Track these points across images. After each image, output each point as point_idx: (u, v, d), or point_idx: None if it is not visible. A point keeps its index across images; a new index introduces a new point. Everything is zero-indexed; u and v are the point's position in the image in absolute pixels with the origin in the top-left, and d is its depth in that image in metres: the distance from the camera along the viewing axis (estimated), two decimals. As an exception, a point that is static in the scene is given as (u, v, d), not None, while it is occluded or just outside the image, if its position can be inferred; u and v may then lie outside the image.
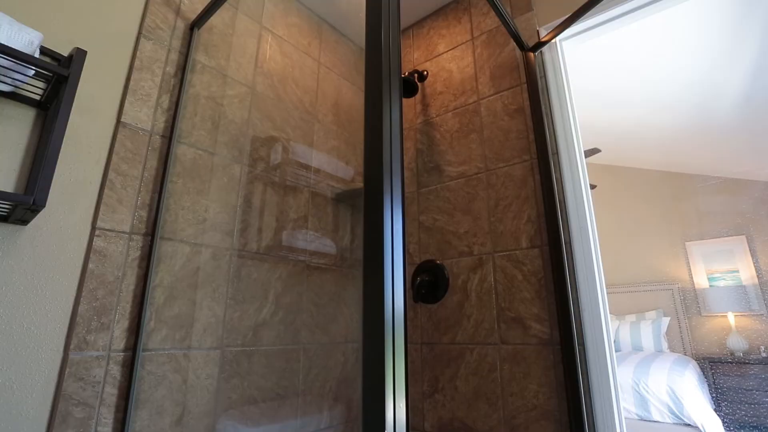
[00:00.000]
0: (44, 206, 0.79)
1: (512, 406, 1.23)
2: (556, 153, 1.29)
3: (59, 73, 0.81)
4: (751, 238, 3.94)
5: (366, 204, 0.54)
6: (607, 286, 4.61)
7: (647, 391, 2.53)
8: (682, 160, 4.19)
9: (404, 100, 1.79)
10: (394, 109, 0.58)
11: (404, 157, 1.74)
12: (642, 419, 2.55)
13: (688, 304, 4.12)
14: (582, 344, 1.14)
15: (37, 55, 0.86)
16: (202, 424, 1.12)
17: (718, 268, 4.05)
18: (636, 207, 4.66)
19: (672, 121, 3.49)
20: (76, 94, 1.03)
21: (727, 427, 3.43)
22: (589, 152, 3.06)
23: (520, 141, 1.39)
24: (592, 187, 3.54)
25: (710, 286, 4.04)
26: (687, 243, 4.23)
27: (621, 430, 1.06)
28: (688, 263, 4.20)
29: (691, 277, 4.16)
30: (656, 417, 2.49)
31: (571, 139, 1.27)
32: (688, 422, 2.37)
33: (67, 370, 0.92)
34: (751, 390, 3.43)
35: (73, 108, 1.02)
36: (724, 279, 4.00)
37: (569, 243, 1.22)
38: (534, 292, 1.26)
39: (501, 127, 1.45)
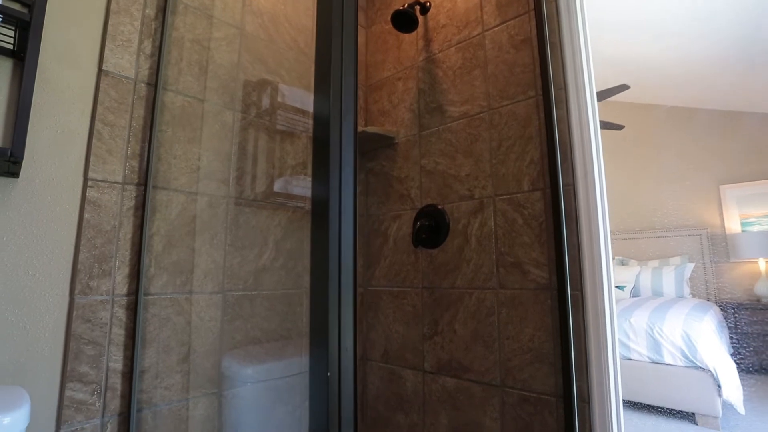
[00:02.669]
0: (23, 157, 0.80)
1: (508, 349, 1.24)
2: (564, 88, 1.18)
3: (21, 18, 0.78)
4: (795, 179, 3.67)
5: (314, 148, 0.51)
6: (631, 231, 4.47)
7: (661, 336, 2.52)
8: (720, 95, 3.82)
9: (405, 36, 1.66)
10: (347, 37, 0.52)
11: (406, 97, 1.65)
12: (653, 362, 2.56)
13: (717, 249, 3.96)
14: (580, 289, 1.11)
15: (-1, -2, 0.83)
16: (209, 361, 1.20)
17: (753, 212, 3.82)
18: (667, 148, 4.37)
19: (710, 52, 3.14)
20: (53, 42, 1.00)
21: (747, 371, 3.41)
22: (617, 89, 2.83)
23: (526, 75, 1.28)
24: (620, 127, 3.32)
25: (743, 231, 3.84)
26: (721, 186, 3.98)
27: (615, 374, 1.06)
28: (720, 207, 3.98)
29: (723, 222, 3.96)
30: (668, 360, 2.49)
31: (581, 71, 1.15)
32: (701, 366, 2.36)
33: (75, 312, 0.98)
34: (776, 335, 3.36)
35: (51, 57, 1.00)
36: (759, 224, 3.79)
37: (574, 185, 1.16)
38: (534, 236, 1.22)
39: (506, 61, 1.34)
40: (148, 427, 1.06)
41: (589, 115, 1.15)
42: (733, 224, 3.91)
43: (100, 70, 1.08)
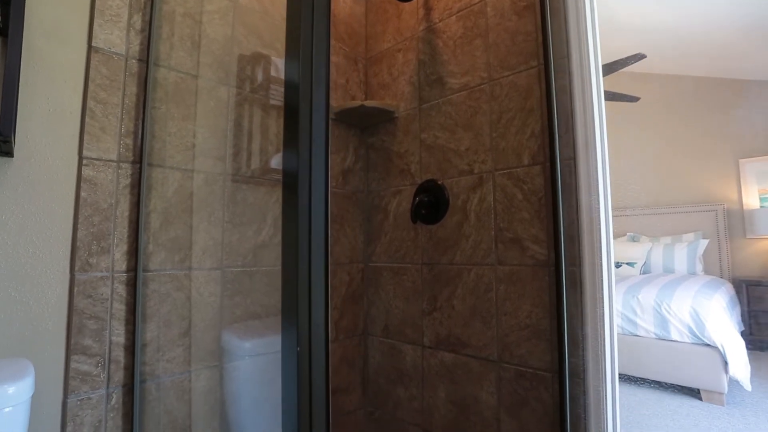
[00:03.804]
0: (11, 135, 0.80)
1: (506, 325, 1.24)
2: (567, 56, 1.13)
3: (1, -9, 0.77)
4: (820, 151, 3.50)
5: (285, 117, 0.50)
6: (643, 207, 4.37)
7: (669, 312, 2.49)
8: (742, 64, 3.62)
9: (405, 5, 1.60)
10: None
11: (406, 70, 1.60)
12: (660, 338, 2.54)
13: (733, 225, 3.85)
14: (579, 266, 1.09)
15: (-21, -28, 0.81)
16: (209, 335, 1.23)
17: (774, 186, 3.68)
18: (686, 121, 4.20)
19: (733, 16, 2.96)
20: (40, 17, 0.99)
21: (760, 349, 3.37)
22: (631, 59, 2.70)
23: (528, 44, 1.23)
24: (634, 99, 3.20)
25: (761, 206, 3.72)
26: (740, 160, 3.83)
27: (611, 351, 1.05)
28: (738, 182, 3.85)
29: (740, 197, 3.83)
30: (675, 337, 2.47)
31: (585, 38, 1.09)
32: (708, 342, 2.34)
33: (76, 288, 1.00)
34: (790, 312, 3.29)
35: (39, 33, 0.99)
36: (779, 198, 3.66)
37: (575, 159, 1.12)
38: (533, 212, 1.20)
39: (508, 29, 1.28)
40: (152, 397, 1.10)
41: (592, 85, 1.10)
42: (751, 199, 3.78)
43: (90, 46, 1.06)
